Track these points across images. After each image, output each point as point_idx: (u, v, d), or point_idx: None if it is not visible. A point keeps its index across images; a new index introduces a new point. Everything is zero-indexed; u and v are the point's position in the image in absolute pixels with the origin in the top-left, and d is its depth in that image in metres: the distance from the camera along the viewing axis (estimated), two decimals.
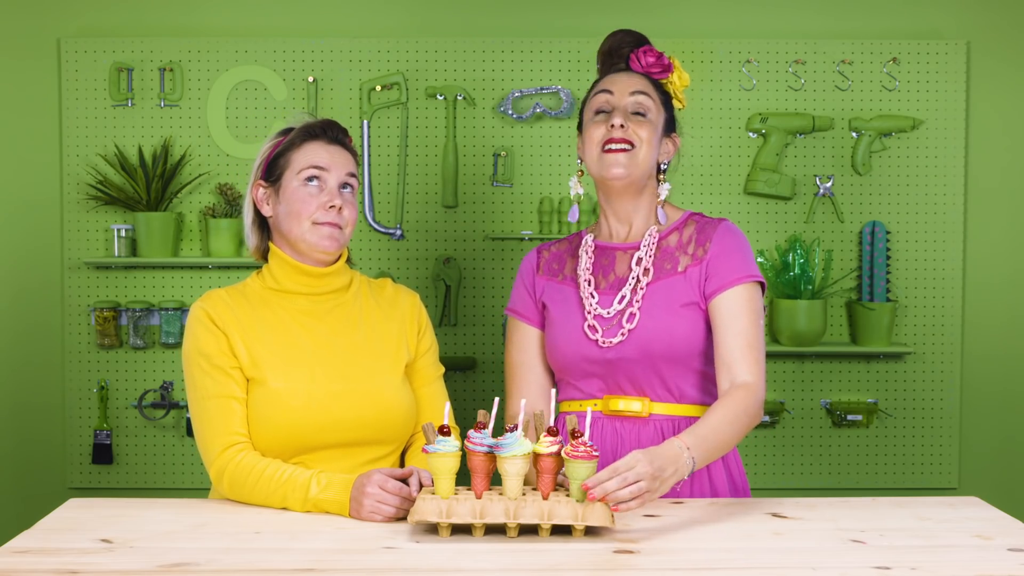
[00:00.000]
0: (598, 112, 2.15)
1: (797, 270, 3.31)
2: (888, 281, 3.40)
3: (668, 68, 2.18)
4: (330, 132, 2.12)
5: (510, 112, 3.36)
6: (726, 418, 1.95)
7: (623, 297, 2.10)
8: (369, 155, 3.38)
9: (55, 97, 3.40)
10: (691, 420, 2.09)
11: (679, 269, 2.11)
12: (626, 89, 2.13)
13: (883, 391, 3.45)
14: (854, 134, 3.39)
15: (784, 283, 3.32)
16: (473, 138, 3.40)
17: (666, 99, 2.18)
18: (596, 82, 2.20)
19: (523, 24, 3.42)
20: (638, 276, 2.11)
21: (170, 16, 3.41)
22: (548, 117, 3.37)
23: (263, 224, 2.16)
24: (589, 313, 2.12)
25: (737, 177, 3.41)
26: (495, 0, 3.43)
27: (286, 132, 2.13)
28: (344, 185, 2.09)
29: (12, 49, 3.40)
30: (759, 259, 3.37)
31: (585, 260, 2.18)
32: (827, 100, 3.41)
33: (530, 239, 3.39)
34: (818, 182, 3.40)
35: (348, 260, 2.18)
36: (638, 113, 2.12)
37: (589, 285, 2.15)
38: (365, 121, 3.37)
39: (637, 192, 2.15)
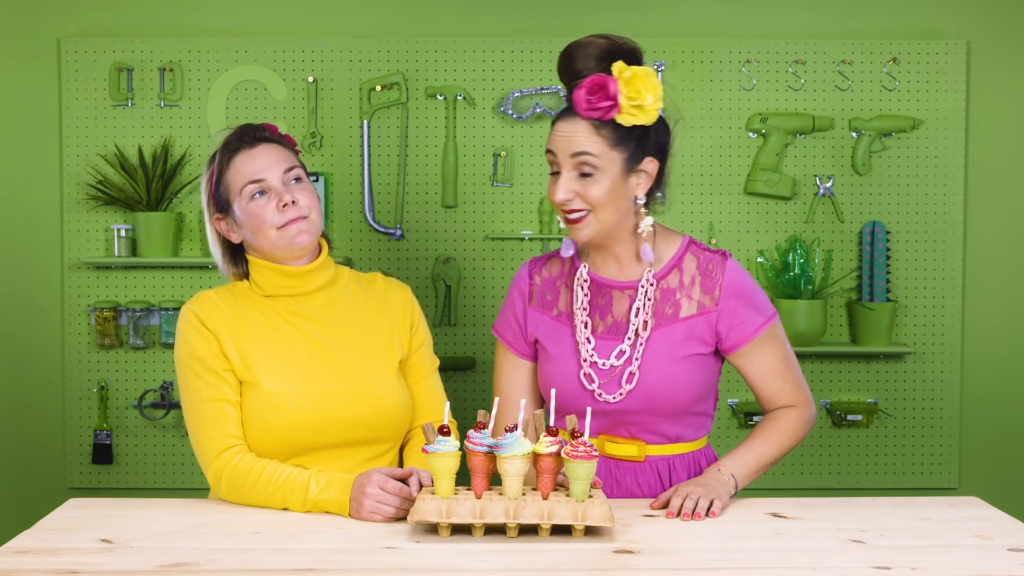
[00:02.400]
0: (552, 163, 2.00)
1: (797, 270, 3.31)
2: (888, 281, 3.40)
3: (613, 104, 1.91)
4: (247, 137, 2.08)
5: (510, 112, 3.36)
6: (764, 437, 2.07)
7: (622, 352, 2.03)
8: (369, 155, 3.38)
9: (55, 97, 3.40)
10: (687, 457, 2.10)
11: (680, 315, 2.03)
12: (567, 150, 1.94)
13: (883, 391, 3.45)
14: (854, 134, 3.39)
15: (784, 283, 3.32)
16: (473, 138, 3.40)
17: (622, 135, 1.95)
18: (558, 114, 2.00)
19: (523, 24, 3.42)
20: (637, 330, 2.03)
21: (170, 16, 3.41)
22: (548, 117, 3.37)
23: (234, 252, 2.14)
24: (585, 361, 2.05)
25: (737, 177, 3.41)
26: (495, 0, 3.43)
27: (212, 159, 2.10)
28: (289, 179, 2.06)
29: (12, 49, 3.40)
30: (759, 259, 3.37)
31: (581, 297, 2.07)
32: (827, 100, 3.41)
33: (530, 239, 3.39)
34: (818, 182, 3.40)
35: (348, 261, 2.17)
36: (585, 174, 1.95)
37: (586, 328, 2.06)
38: (365, 121, 3.37)
39: (615, 239, 2.03)
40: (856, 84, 3.40)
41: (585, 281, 2.08)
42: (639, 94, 1.92)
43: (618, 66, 1.93)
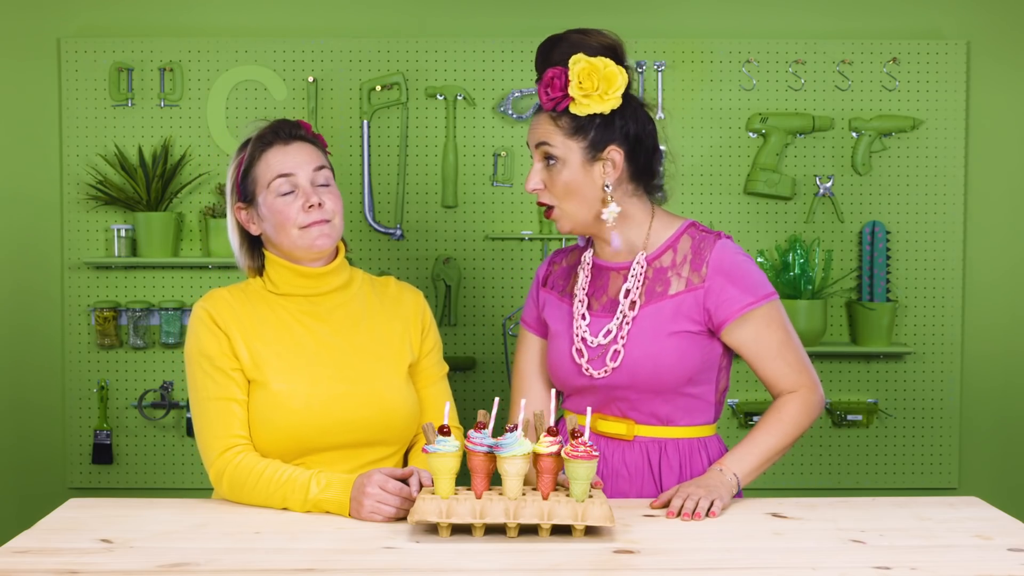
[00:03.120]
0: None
1: (797, 270, 3.31)
2: (888, 281, 3.40)
3: (565, 94, 2.00)
4: (282, 133, 2.08)
5: (510, 112, 3.36)
6: (767, 430, 2.06)
7: (608, 332, 2.06)
8: (369, 155, 3.38)
9: (55, 97, 3.40)
10: (679, 442, 2.09)
11: (669, 292, 2.05)
12: (533, 141, 2.05)
13: (883, 391, 3.45)
14: (854, 134, 3.39)
15: (784, 283, 3.32)
16: (473, 138, 3.40)
17: (580, 123, 2.02)
18: (534, 109, 2.16)
19: (523, 24, 3.42)
20: (624, 311, 2.06)
21: (170, 16, 3.42)
22: None
23: (252, 244, 2.14)
24: (576, 335, 2.10)
25: (737, 177, 3.41)
26: (495, 0, 3.43)
27: (243, 148, 2.10)
28: (318, 178, 2.07)
29: (12, 49, 3.40)
30: (759, 259, 3.37)
31: (582, 278, 2.14)
32: (827, 100, 3.41)
33: (530, 239, 3.39)
34: (818, 182, 3.40)
35: (348, 259, 2.18)
36: (551, 164, 2.03)
37: (583, 305, 2.11)
38: (365, 121, 3.37)
39: (601, 228, 2.07)
40: (856, 84, 3.40)
41: (588, 264, 2.15)
42: (590, 84, 1.99)
43: (574, 58, 2.01)
